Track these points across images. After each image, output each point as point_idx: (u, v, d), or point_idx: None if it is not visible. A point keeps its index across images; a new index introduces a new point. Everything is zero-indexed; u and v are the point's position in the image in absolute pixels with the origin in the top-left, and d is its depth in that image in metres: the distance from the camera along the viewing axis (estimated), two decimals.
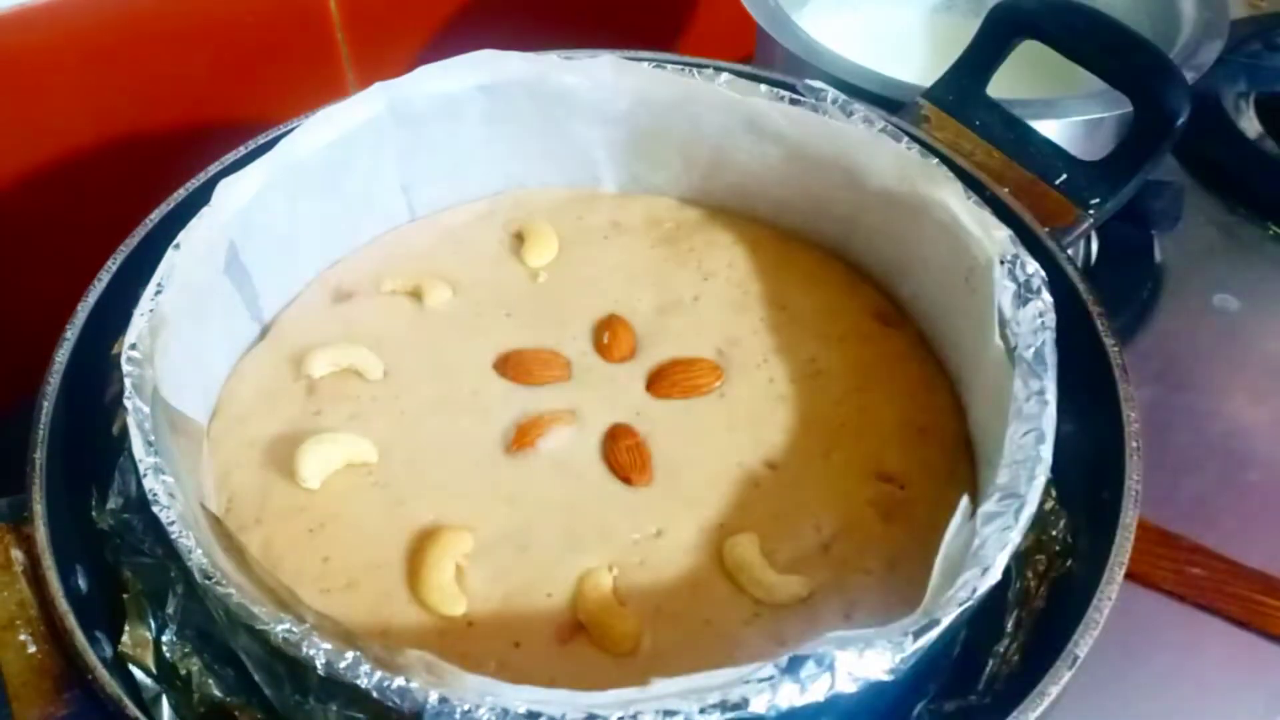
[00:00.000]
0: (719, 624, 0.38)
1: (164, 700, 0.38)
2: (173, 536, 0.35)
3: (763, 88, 0.48)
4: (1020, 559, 0.41)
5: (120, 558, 0.41)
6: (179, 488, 0.36)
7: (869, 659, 0.31)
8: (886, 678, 0.31)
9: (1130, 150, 0.50)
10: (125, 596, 0.40)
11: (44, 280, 0.53)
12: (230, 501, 0.42)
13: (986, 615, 0.38)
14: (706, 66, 0.50)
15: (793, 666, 0.30)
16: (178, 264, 0.42)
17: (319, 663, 0.31)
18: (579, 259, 0.51)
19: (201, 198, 0.44)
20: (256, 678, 0.37)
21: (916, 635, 0.31)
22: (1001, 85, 0.53)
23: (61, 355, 0.43)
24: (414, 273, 0.50)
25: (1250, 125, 0.73)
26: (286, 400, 0.45)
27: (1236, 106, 0.74)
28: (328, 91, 0.67)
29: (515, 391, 0.45)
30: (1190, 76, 0.57)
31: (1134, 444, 0.41)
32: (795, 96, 0.48)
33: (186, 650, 0.39)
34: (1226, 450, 0.58)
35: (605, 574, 0.39)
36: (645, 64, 0.50)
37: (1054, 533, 0.42)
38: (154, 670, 0.39)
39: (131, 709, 0.36)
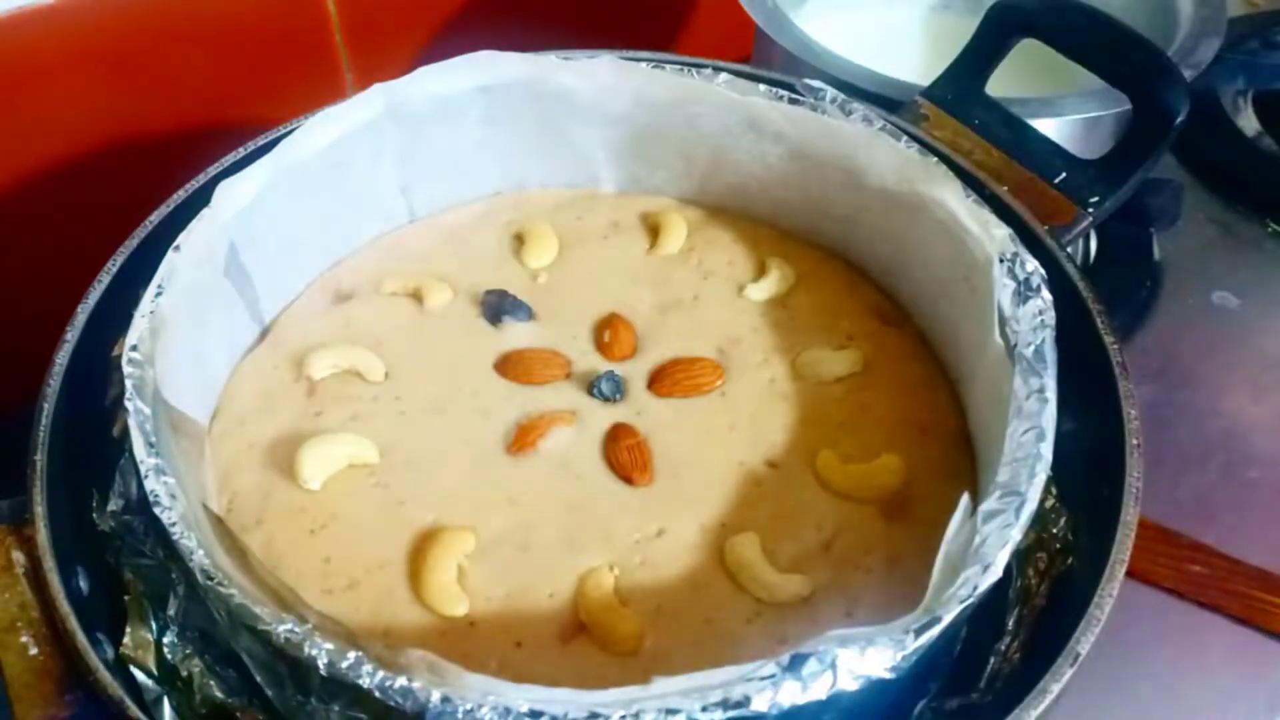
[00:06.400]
0: (720, 623, 0.38)
1: (165, 701, 0.38)
2: (174, 537, 0.35)
3: (761, 87, 0.48)
4: (1021, 557, 0.41)
5: (121, 559, 0.41)
6: (180, 489, 0.36)
7: (871, 657, 0.31)
8: (888, 675, 0.31)
9: (1129, 148, 0.50)
10: (126, 598, 0.40)
11: (44, 281, 0.53)
12: (231, 502, 0.42)
13: (988, 613, 0.38)
14: (705, 66, 0.50)
15: (795, 664, 0.30)
16: (178, 265, 0.42)
17: (321, 663, 0.31)
18: (579, 259, 0.51)
19: (201, 199, 0.44)
20: (258, 678, 0.37)
21: (918, 633, 0.31)
22: (1000, 84, 0.53)
23: (61, 357, 0.43)
24: (414, 274, 0.50)
25: (1248, 123, 0.74)
26: (287, 401, 0.45)
27: (1235, 104, 0.74)
28: (326, 93, 0.67)
29: (516, 391, 0.45)
30: (1188, 74, 0.57)
31: (1134, 441, 0.41)
32: (794, 96, 0.48)
33: (188, 651, 0.39)
34: (1226, 447, 0.58)
35: (606, 574, 0.39)
36: (644, 64, 0.50)
37: (1055, 530, 0.42)
38: (155, 671, 0.39)
39: (133, 710, 0.36)
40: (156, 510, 0.35)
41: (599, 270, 0.50)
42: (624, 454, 0.43)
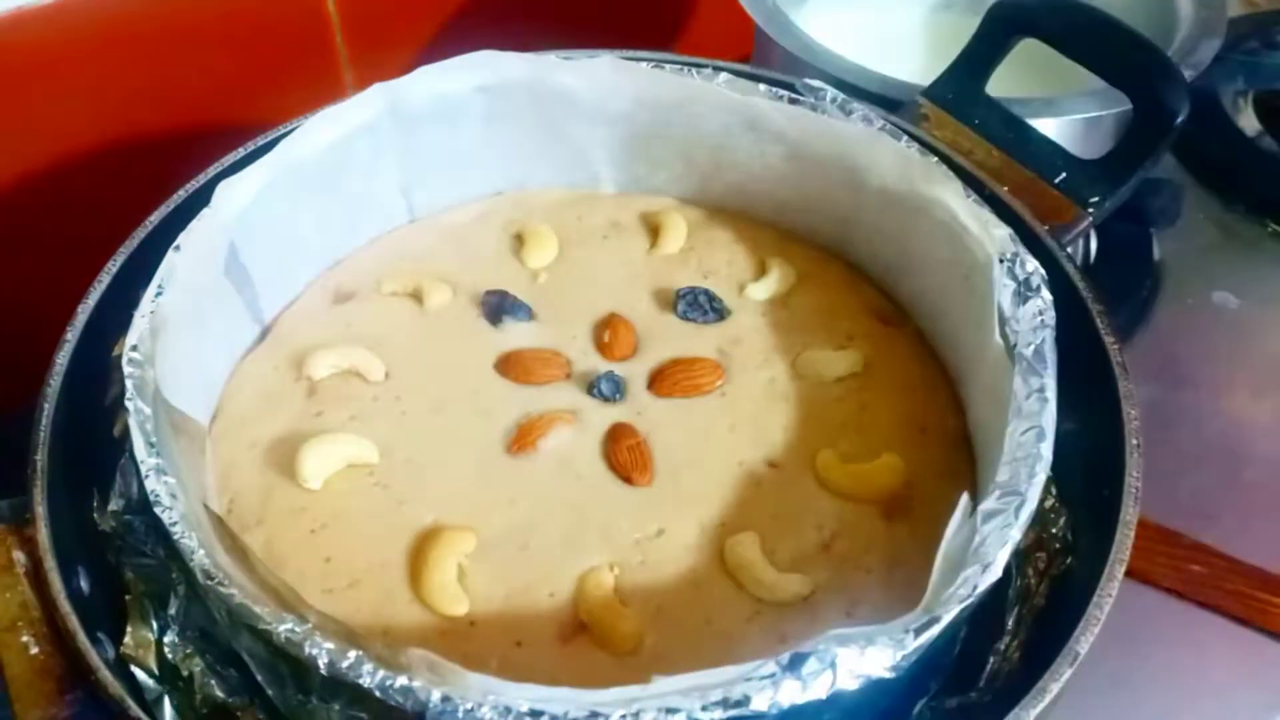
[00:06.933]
0: (720, 623, 0.38)
1: (166, 701, 0.39)
2: (175, 537, 0.35)
3: (762, 87, 0.48)
4: (1021, 556, 0.41)
5: (122, 559, 0.41)
6: (181, 489, 0.36)
7: (870, 656, 0.31)
8: (888, 675, 0.31)
9: (1129, 148, 0.50)
10: (127, 598, 0.40)
11: (44, 281, 0.53)
12: (232, 502, 0.42)
13: (987, 613, 0.38)
14: (705, 66, 0.50)
15: (795, 664, 0.30)
16: (178, 265, 0.42)
17: (321, 662, 0.31)
18: (579, 259, 0.51)
19: (201, 199, 0.44)
20: (259, 678, 0.37)
21: (918, 632, 0.31)
22: (1001, 84, 0.53)
23: (62, 357, 0.43)
24: (414, 273, 0.50)
25: (1248, 123, 0.74)
26: (287, 401, 0.45)
27: (1235, 104, 0.74)
28: (325, 93, 0.67)
29: (516, 391, 0.45)
30: (1188, 74, 0.57)
31: (1134, 441, 0.41)
32: (794, 96, 0.48)
33: (189, 651, 0.39)
34: (1226, 447, 0.58)
35: (607, 573, 0.39)
36: (644, 64, 0.50)
37: (1054, 530, 0.42)
38: (156, 671, 0.39)
39: (134, 710, 0.36)
40: (157, 510, 0.35)
41: (599, 270, 0.50)
42: (624, 454, 0.43)
